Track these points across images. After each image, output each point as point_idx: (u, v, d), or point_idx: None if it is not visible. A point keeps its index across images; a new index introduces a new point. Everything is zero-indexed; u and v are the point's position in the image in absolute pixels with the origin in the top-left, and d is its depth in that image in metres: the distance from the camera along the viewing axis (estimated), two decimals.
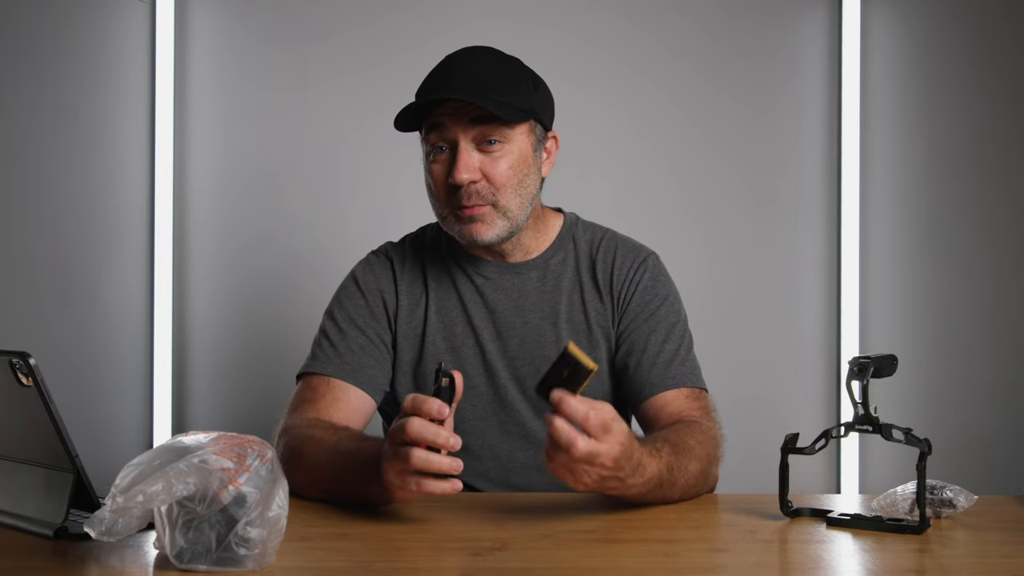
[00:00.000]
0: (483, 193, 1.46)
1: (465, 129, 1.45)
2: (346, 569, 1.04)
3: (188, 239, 2.38)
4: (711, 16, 2.43)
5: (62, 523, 1.11)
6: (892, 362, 1.24)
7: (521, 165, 1.48)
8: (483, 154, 1.46)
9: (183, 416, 2.37)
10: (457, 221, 1.49)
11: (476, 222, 1.48)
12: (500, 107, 1.43)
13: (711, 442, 1.40)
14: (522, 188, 1.49)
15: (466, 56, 1.51)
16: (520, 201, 1.49)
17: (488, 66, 1.49)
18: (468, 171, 1.44)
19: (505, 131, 1.46)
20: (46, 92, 2.36)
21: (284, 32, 2.40)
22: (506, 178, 1.47)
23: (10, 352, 1.11)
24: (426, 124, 1.48)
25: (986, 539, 1.16)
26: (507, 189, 1.47)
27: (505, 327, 1.56)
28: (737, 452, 1.71)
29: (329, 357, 1.53)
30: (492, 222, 1.48)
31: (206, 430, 1.03)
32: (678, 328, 1.56)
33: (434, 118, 1.46)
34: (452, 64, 1.50)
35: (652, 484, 1.24)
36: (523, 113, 1.48)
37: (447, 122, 1.45)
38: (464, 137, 1.45)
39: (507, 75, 1.49)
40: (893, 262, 2.43)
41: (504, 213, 1.48)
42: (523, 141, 1.49)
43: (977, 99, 2.42)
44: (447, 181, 1.47)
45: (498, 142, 1.46)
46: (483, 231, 1.48)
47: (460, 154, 1.45)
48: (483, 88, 1.44)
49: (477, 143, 1.46)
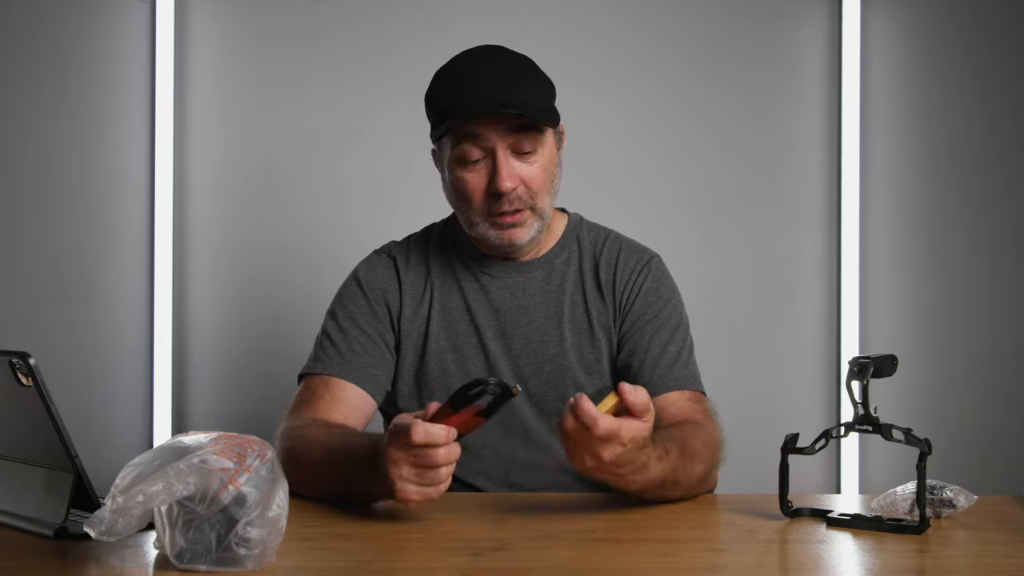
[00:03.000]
0: (523, 198, 1.48)
1: (503, 137, 1.45)
2: (346, 569, 1.04)
3: (188, 239, 2.37)
4: (711, 16, 2.43)
5: (62, 523, 1.11)
6: (892, 362, 1.24)
7: (551, 166, 1.51)
8: (519, 160, 1.47)
9: (183, 416, 2.37)
10: (493, 227, 1.50)
11: (516, 228, 1.50)
12: (541, 114, 1.45)
13: (714, 445, 1.40)
14: (553, 188, 1.53)
15: (487, 60, 1.49)
16: (551, 200, 1.53)
17: (516, 71, 1.49)
18: (511, 180, 1.46)
19: (539, 137, 1.48)
20: (46, 92, 2.36)
21: (284, 32, 2.40)
22: (542, 181, 1.49)
23: (10, 352, 1.11)
24: (457, 132, 1.46)
25: (986, 539, 1.16)
26: (543, 192, 1.50)
27: (509, 326, 1.56)
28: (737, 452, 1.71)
29: (330, 357, 1.53)
30: (530, 224, 1.51)
31: (206, 430, 1.03)
32: (680, 331, 1.57)
33: (468, 128, 1.45)
34: (478, 69, 1.47)
35: (656, 483, 1.25)
36: (554, 116, 1.50)
37: (484, 132, 1.45)
38: (502, 145, 1.45)
39: (533, 78, 1.51)
40: (893, 262, 2.43)
41: (540, 214, 1.51)
42: (551, 142, 1.52)
43: (977, 99, 2.42)
44: (486, 190, 1.47)
45: (533, 149, 1.47)
46: (522, 235, 1.51)
47: (500, 163, 1.45)
48: (522, 96, 1.45)
49: (512, 149, 1.47)
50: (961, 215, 2.42)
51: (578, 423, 1.14)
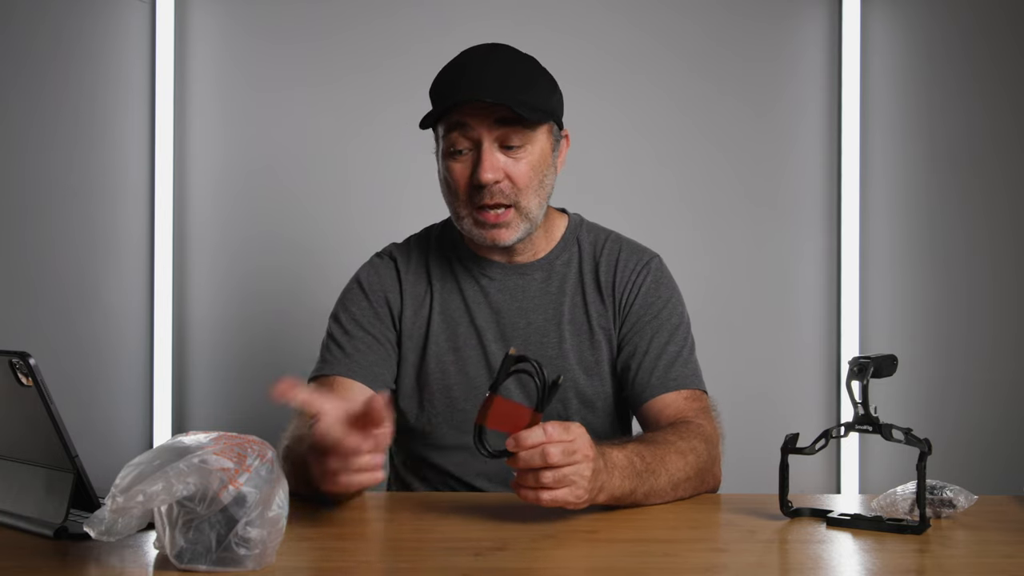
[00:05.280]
0: (506, 193, 1.47)
1: (490, 129, 1.45)
2: (346, 569, 1.04)
3: (188, 239, 2.38)
4: (711, 16, 2.43)
5: (62, 523, 1.11)
6: (892, 362, 1.24)
7: (541, 165, 1.50)
8: (505, 155, 1.47)
9: (183, 416, 2.37)
10: (476, 225, 1.50)
11: (499, 228, 1.49)
12: (527, 109, 1.44)
13: (699, 437, 1.40)
14: (541, 188, 1.51)
15: (488, 54, 1.50)
16: (539, 201, 1.51)
17: (512, 67, 1.49)
18: (493, 171, 1.45)
19: (528, 133, 1.47)
20: (46, 92, 2.36)
21: (284, 32, 2.40)
22: (528, 179, 1.48)
23: (10, 352, 1.11)
24: (446, 122, 1.47)
25: (986, 539, 1.16)
26: (529, 190, 1.49)
27: (509, 328, 1.56)
28: (737, 452, 1.71)
29: (336, 359, 1.53)
30: (515, 225, 1.50)
31: (206, 430, 1.03)
32: (680, 331, 1.57)
33: (457, 117, 1.46)
34: (474, 62, 1.49)
35: (628, 473, 1.25)
36: (546, 115, 1.49)
37: (471, 122, 1.45)
38: (488, 137, 1.45)
39: (530, 76, 1.50)
40: (893, 262, 2.43)
41: (525, 215, 1.50)
42: (543, 142, 1.50)
43: (977, 99, 2.42)
44: (469, 180, 1.47)
45: (521, 144, 1.47)
46: (505, 235, 1.50)
47: (484, 154, 1.45)
48: (510, 89, 1.44)
49: (500, 143, 1.46)
50: (961, 215, 2.42)
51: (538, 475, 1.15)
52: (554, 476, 1.15)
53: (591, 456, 1.18)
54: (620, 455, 1.25)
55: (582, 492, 1.17)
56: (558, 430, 1.15)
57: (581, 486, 1.17)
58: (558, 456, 1.14)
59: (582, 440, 1.17)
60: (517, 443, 1.15)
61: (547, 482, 1.15)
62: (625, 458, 1.25)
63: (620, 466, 1.24)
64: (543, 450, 1.14)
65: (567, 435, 1.16)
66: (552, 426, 1.15)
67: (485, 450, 1.18)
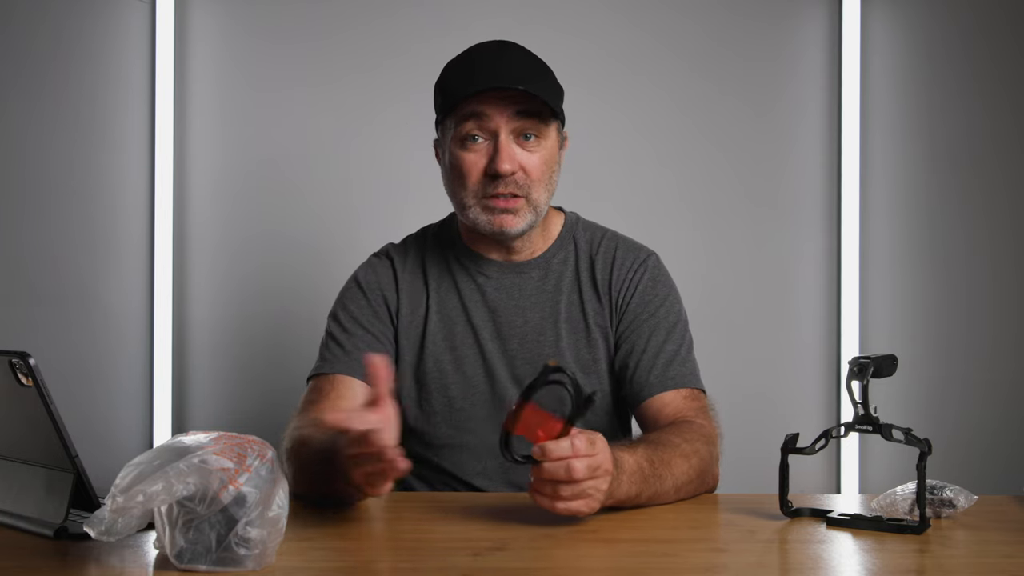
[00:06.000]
0: (520, 184, 1.49)
1: (508, 120, 1.46)
2: (346, 569, 1.04)
3: (188, 239, 2.37)
4: (711, 16, 2.43)
5: (62, 523, 1.11)
6: (892, 362, 1.24)
7: (551, 161, 1.52)
8: (521, 147, 1.48)
9: (183, 416, 2.37)
10: (485, 211, 1.50)
11: (508, 214, 1.49)
12: (550, 101, 1.47)
13: (701, 439, 1.40)
14: (550, 183, 1.53)
15: (500, 48, 1.52)
16: (547, 196, 1.53)
17: (526, 60, 1.52)
18: (510, 162, 1.47)
19: (541, 127, 1.49)
20: (46, 92, 2.36)
21: (284, 32, 2.40)
22: (540, 172, 1.50)
23: (10, 352, 1.11)
24: (460, 112, 1.48)
25: (986, 539, 1.16)
26: (540, 183, 1.50)
27: (505, 326, 1.56)
28: (737, 452, 1.71)
29: (336, 357, 1.53)
30: (523, 215, 1.51)
31: (206, 430, 1.03)
32: (678, 329, 1.57)
33: (474, 107, 1.46)
34: (487, 55, 1.50)
35: (636, 478, 1.25)
36: (560, 111, 1.52)
37: (490, 112, 1.46)
38: (506, 128, 1.47)
39: (543, 71, 1.52)
40: (893, 262, 2.43)
41: (534, 207, 1.51)
42: (553, 138, 1.52)
43: (977, 99, 2.42)
44: (483, 171, 1.48)
45: (535, 137, 1.49)
46: (513, 223, 1.50)
47: (502, 145, 1.46)
48: (528, 80, 1.46)
49: (515, 135, 1.48)
50: (961, 215, 2.42)
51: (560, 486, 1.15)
52: (573, 491, 1.15)
53: (611, 471, 1.18)
54: (631, 460, 1.25)
55: (596, 504, 1.18)
56: (585, 444, 1.15)
57: (597, 499, 1.17)
58: (582, 472, 1.14)
59: (604, 455, 1.17)
60: (544, 453, 1.14)
61: (565, 495, 1.15)
62: (635, 463, 1.25)
63: (629, 471, 1.24)
64: (568, 464, 1.14)
65: (592, 449, 1.15)
66: (579, 439, 1.15)
67: (511, 456, 1.17)
